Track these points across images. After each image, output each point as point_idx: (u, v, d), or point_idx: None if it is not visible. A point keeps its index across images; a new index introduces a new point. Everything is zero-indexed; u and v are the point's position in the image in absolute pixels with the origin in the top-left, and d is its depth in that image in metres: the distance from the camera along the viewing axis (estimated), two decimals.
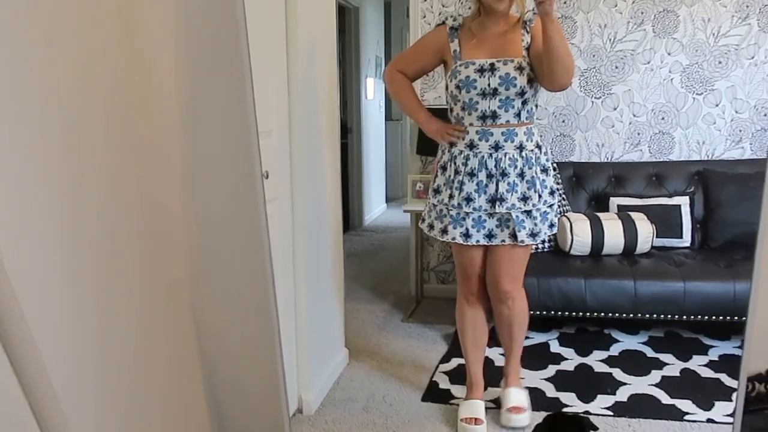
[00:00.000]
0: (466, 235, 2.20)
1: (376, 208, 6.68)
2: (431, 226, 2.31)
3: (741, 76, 3.45)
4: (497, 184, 2.15)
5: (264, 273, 1.86)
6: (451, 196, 2.21)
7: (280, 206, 2.33)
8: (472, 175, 2.17)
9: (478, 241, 2.21)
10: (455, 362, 2.89)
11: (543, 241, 3.18)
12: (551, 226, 2.24)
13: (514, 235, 2.17)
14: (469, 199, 2.18)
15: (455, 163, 2.21)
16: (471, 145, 2.19)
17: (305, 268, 2.45)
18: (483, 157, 2.17)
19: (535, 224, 2.18)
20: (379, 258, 4.95)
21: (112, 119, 1.43)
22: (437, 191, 2.28)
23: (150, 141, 1.59)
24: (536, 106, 2.22)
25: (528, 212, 2.17)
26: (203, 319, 1.85)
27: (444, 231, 2.24)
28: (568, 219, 3.15)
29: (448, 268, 3.90)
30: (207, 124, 1.76)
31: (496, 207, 2.15)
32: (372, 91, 6.29)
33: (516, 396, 2.39)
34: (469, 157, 2.18)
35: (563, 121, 3.65)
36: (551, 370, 2.79)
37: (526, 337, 2.97)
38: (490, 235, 2.20)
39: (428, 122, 2.31)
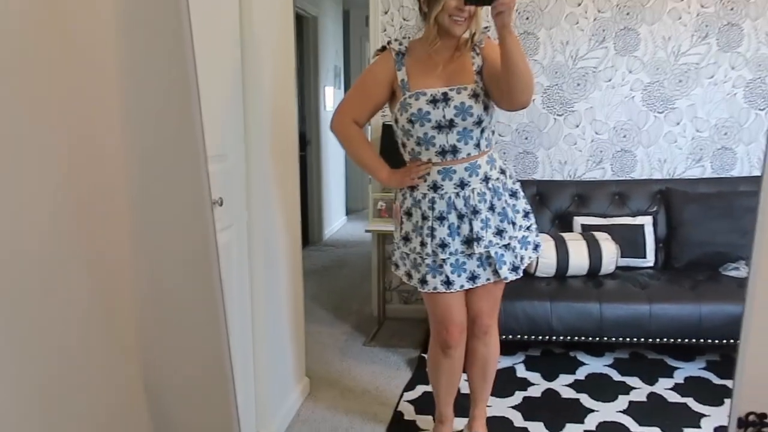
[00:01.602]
0: (448, 283, 2.05)
1: (336, 222, 6.55)
2: (409, 275, 2.15)
3: (701, 95, 3.47)
4: (471, 224, 2.01)
5: (215, 307, 1.73)
6: (423, 244, 2.05)
7: (237, 233, 2.20)
8: (441, 219, 2.03)
9: (462, 286, 2.06)
10: (420, 389, 2.80)
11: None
12: (535, 248, 2.14)
13: (496, 272, 2.06)
14: (443, 245, 2.02)
15: (421, 208, 2.06)
16: (435, 187, 2.03)
17: (263, 298, 2.33)
18: (450, 197, 2.02)
19: (516, 256, 2.08)
20: (340, 275, 4.83)
21: (50, 154, 1.29)
22: (407, 239, 2.11)
23: (89, 170, 1.45)
24: (493, 132, 2.09)
25: (506, 245, 2.06)
26: (149, 359, 1.71)
27: (423, 281, 2.08)
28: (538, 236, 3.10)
29: (410, 288, 3.80)
30: (150, 153, 1.62)
31: (474, 247, 2.01)
32: (331, 102, 6.18)
33: None
34: (435, 200, 2.03)
35: (526, 138, 3.61)
36: (518, 396, 2.72)
37: None
38: (473, 277, 2.07)
39: (391, 177, 2.11)
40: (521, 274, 2.10)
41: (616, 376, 2.90)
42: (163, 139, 1.60)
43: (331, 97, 6.21)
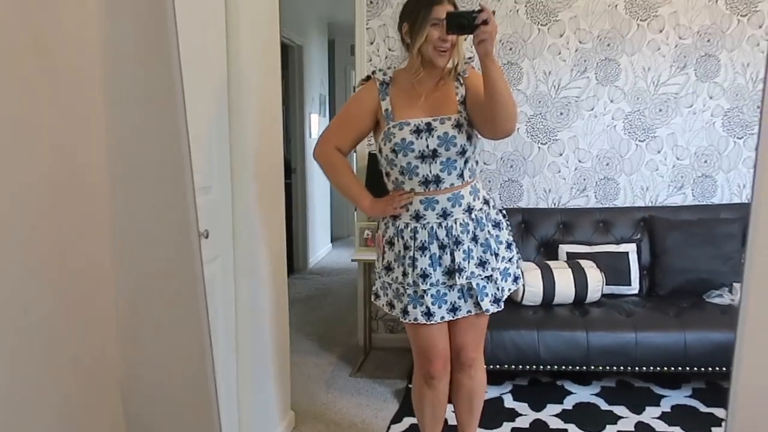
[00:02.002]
0: (428, 314, 2.03)
1: (321, 249, 6.53)
2: (391, 305, 2.14)
3: (681, 124, 3.52)
4: (452, 255, 2.00)
5: (201, 343, 1.71)
6: (404, 274, 2.04)
7: (222, 266, 2.17)
8: (423, 249, 2.01)
9: (442, 317, 2.04)
10: (407, 422, 2.76)
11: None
12: (515, 280, 2.13)
13: (478, 304, 2.04)
14: (425, 276, 2.01)
15: (403, 237, 2.05)
16: (417, 217, 2.02)
17: (248, 331, 2.29)
18: (432, 227, 2.01)
19: (498, 288, 2.07)
20: (325, 304, 4.80)
21: (36, 180, 1.27)
22: (389, 268, 2.10)
23: (76, 201, 1.43)
24: (477, 162, 2.09)
25: (488, 277, 2.05)
26: (133, 397, 1.68)
27: (405, 311, 2.07)
28: (520, 268, 3.10)
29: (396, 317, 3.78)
30: (139, 184, 1.61)
31: (456, 279, 2.00)
32: (316, 129, 6.20)
33: None
34: (417, 230, 2.02)
35: (511, 167, 3.64)
36: (506, 428, 2.70)
37: None
38: (454, 309, 2.05)
39: (373, 206, 2.11)
40: (502, 307, 2.09)
41: (604, 405, 2.89)
42: (151, 170, 1.59)
43: (316, 125, 6.23)
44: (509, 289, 2.11)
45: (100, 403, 1.57)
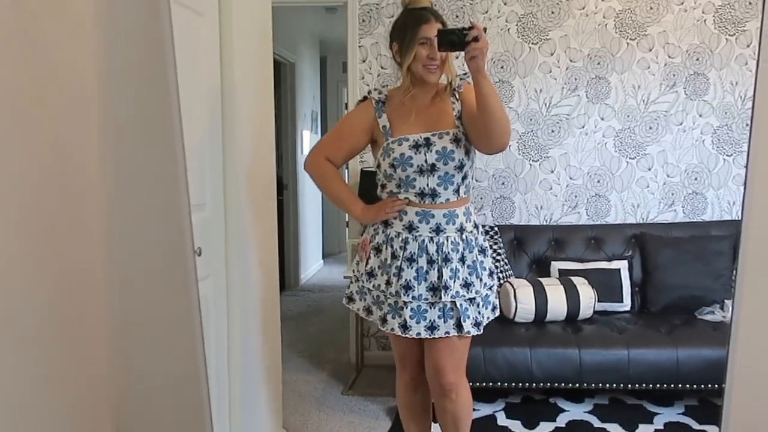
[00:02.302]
0: (405, 327, 2.02)
1: (312, 266, 6.51)
2: (369, 311, 2.14)
3: (671, 141, 3.56)
4: (440, 271, 2.00)
5: (196, 364, 1.69)
6: (388, 282, 2.04)
7: (213, 284, 2.16)
8: (411, 260, 2.01)
9: (418, 333, 2.02)
10: None
11: None
12: (494, 309, 2.12)
13: (459, 325, 2.01)
14: (408, 288, 2.00)
15: (392, 246, 2.05)
16: (410, 227, 2.03)
17: (239, 350, 2.28)
18: (423, 241, 2.01)
19: (479, 312, 2.06)
20: (317, 321, 4.77)
21: (28, 196, 1.26)
22: (371, 274, 2.09)
23: (70, 216, 1.42)
24: (473, 179, 2.11)
25: (471, 299, 2.04)
26: (124, 413, 1.66)
27: (384, 320, 2.07)
28: (512, 285, 3.11)
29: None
30: (134, 203, 1.60)
31: (441, 296, 1.99)
32: (308, 146, 6.21)
33: None
34: (408, 241, 2.02)
35: (503, 184, 3.65)
36: None
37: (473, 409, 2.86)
38: (432, 327, 2.02)
39: (365, 212, 2.11)
40: (481, 331, 2.07)
41: (597, 423, 2.88)
42: (146, 189, 1.59)
43: (308, 141, 6.24)
44: (488, 317, 2.10)
45: (89, 419, 1.55)
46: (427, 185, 2.01)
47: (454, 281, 2.00)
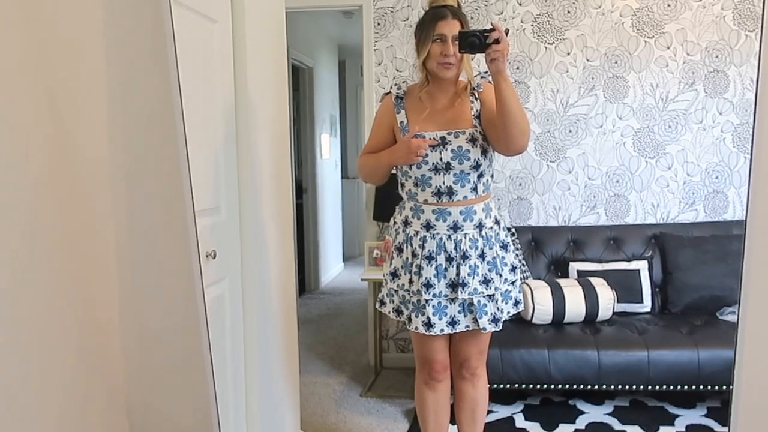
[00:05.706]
0: (428, 325, 2.05)
1: (332, 269, 6.53)
2: (399, 312, 2.16)
3: (691, 140, 3.51)
4: (458, 268, 2.03)
5: (203, 368, 1.71)
6: (410, 281, 2.08)
7: (230, 285, 2.19)
8: (430, 258, 2.04)
9: (442, 330, 2.06)
10: None
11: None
12: (516, 303, 2.14)
13: (476, 320, 2.06)
14: (428, 285, 2.04)
15: (411, 245, 2.08)
16: (427, 226, 2.05)
17: (257, 351, 2.30)
18: (441, 239, 2.04)
19: (498, 308, 2.08)
20: (336, 324, 4.79)
21: (36, 202, 1.29)
22: (395, 275, 2.13)
23: (81, 217, 1.45)
24: (492, 177, 2.13)
25: (491, 296, 2.06)
26: (135, 413, 1.69)
27: (409, 319, 2.11)
28: (530, 287, 3.09)
29: (407, 336, 3.77)
30: (140, 208, 1.63)
31: (458, 293, 2.02)
32: (327, 150, 6.24)
33: None
34: (426, 239, 2.05)
35: (520, 185, 3.63)
36: None
37: (490, 411, 2.86)
38: (453, 322, 2.07)
39: (392, 154, 2.05)
40: (500, 327, 2.10)
41: (617, 425, 2.85)
42: (151, 193, 1.62)
43: (327, 144, 6.27)
44: (509, 312, 2.12)
45: (105, 423, 1.58)
46: (443, 183, 2.02)
47: (473, 278, 2.02)
